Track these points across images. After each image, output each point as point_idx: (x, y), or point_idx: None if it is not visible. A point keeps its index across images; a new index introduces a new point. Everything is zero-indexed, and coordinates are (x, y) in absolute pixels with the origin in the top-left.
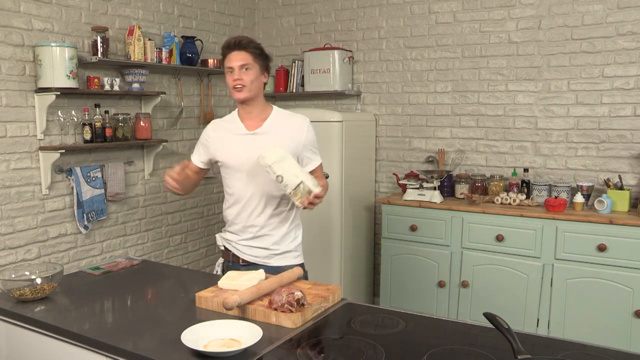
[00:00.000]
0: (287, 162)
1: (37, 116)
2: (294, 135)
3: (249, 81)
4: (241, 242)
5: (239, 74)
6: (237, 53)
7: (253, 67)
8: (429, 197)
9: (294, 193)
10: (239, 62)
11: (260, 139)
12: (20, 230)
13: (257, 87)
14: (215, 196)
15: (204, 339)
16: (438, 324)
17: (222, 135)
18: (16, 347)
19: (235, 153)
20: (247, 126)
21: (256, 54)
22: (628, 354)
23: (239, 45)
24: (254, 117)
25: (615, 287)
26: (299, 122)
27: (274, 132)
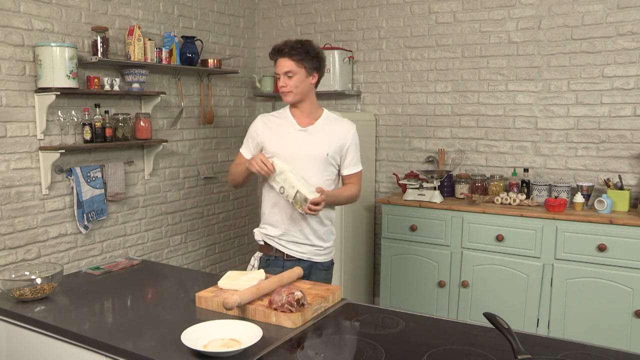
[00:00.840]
0: (286, 174)
1: (37, 116)
2: (340, 137)
3: (294, 86)
4: (284, 238)
5: (284, 80)
6: (281, 60)
7: (297, 72)
8: (429, 197)
9: (294, 202)
10: (282, 69)
11: (311, 136)
12: (20, 230)
13: (304, 90)
14: (215, 196)
15: (204, 339)
16: (438, 324)
17: (274, 127)
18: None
19: (287, 146)
20: (299, 123)
21: (299, 59)
22: (628, 354)
23: (280, 52)
24: (306, 115)
25: (615, 287)
26: (347, 126)
27: (325, 132)
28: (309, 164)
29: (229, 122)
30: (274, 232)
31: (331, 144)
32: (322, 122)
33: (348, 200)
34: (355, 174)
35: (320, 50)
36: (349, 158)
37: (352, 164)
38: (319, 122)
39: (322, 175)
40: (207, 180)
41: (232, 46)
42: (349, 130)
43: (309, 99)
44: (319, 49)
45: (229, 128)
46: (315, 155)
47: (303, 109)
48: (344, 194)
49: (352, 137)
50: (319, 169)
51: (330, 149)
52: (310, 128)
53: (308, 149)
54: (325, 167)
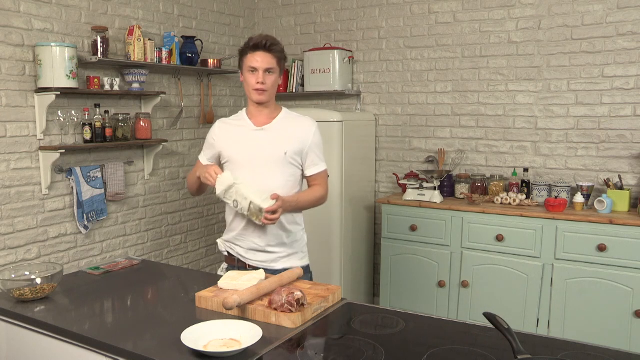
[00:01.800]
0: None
1: (37, 116)
2: (300, 135)
3: (271, 85)
4: (244, 246)
5: (263, 77)
6: (264, 55)
7: (276, 70)
8: (429, 197)
9: (250, 214)
10: (264, 65)
11: (267, 135)
12: (20, 230)
13: (275, 90)
14: (215, 196)
15: (204, 339)
16: (438, 324)
17: (229, 132)
18: (16, 347)
19: (242, 148)
20: (255, 123)
21: (281, 57)
22: (628, 354)
23: (266, 47)
24: (265, 115)
25: (615, 287)
26: (307, 124)
27: (281, 130)
28: (268, 165)
29: None
30: (234, 241)
31: (290, 143)
32: (280, 121)
33: (313, 203)
34: (318, 174)
35: None
36: (310, 158)
37: (314, 163)
38: (276, 120)
39: (283, 176)
40: None
41: (232, 46)
42: (309, 128)
43: (273, 100)
44: None
45: None
46: (273, 155)
47: (263, 110)
48: (307, 198)
49: (313, 136)
50: (279, 169)
51: (288, 148)
52: (266, 127)
53: (265, 149)
54: (285, 167)
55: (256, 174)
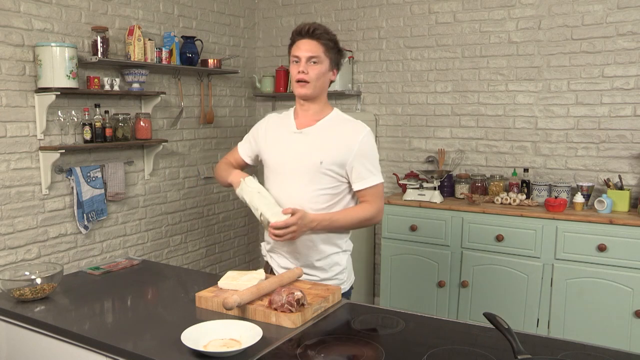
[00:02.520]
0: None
1: (37, 116)
2: (342, 143)
3: (315, 77)
4: (276, 259)
5: (305, 67)
6: (308, 42)
7: (323, 61)
8: (429, 197)
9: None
10: (307, 53)
11: (305, 139)
12: (20, 230)
13: (322, 85)
14: (215, 196)
15: (204, 339)
16: (438, 324)
17: (272, 131)
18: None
19: (278, 151)
20: (298, 124)
21: (329, 46)
22: (628, 354)
23: (311, 34)
24: (310, 115)
25: (615, 287)
26: (354, 130)
27: (322, 135)
28: (300, 174)
29: (229, 122)
30: (267, 247)
31: (328, 150)
32: (324, 123)
33: (357, 224)
34: (367, 189)
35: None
36: (357, 170)
37: (361, 176)
38: (320, 123)
39: (315, 189)
40: (207, 180)
41: (232, 46)
42: (355, 135)
43: (320, 98)
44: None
45: (229, 128)
46: (307, 164)
47: (309, 109)
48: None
49: (360, 145)
50: (312, 181)
51: (325, 157)
52: (306, 130)
53: (299, 154)
54: (320, 178)
55: (285, 182)
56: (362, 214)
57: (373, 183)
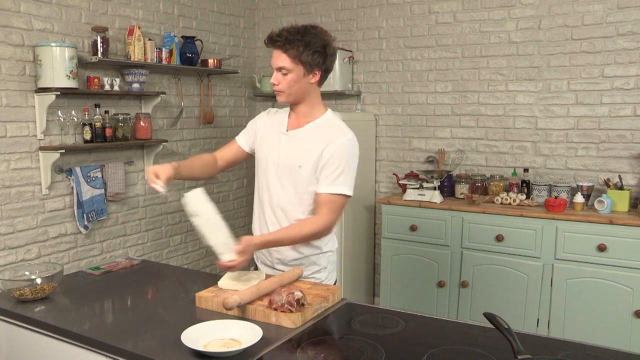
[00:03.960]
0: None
1: (37, 116)
2: (320, 147)
3: (286, 86)
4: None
5: (276, 77)
6: (275, 52)
7: (293, 69)
8: (429, 197)
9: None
10: (275, 64)
11: (290, 141)
12: (20, 230)
13: (299, 91)
14: (215, 196)
15: (204, 339)
16: (438, 324)
17: (268, 126)
18: (16, 347)
19: (266, 150)
20: (289, 124)
21: (298, 52)
22: (628, 354)
23: (275, 44)
24: (299, 117)
25: (615, 287)
26: (336, 135)
27: (305, 139)
28: (283, 177)
29: (229, 122)
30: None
31: (307, 154)
32: (311, 127)
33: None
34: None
35: (328, 41)
36: (325, 172)
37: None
38: (308, 125)
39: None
40: (207, 180)
41: (232, 46)
42: (335, 139)
43: (306, 101)
44: (325, 39)
45: (229, 128)
46: (288, 167)
47: (297, 110)
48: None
49: (337, 148)
50: (294, 183)
51: (304, 161)
52: (292, 132)
53: (282, 157)
54: (301, 182)
55: (269, 182)
56: (306, 230)
57: (334, 191)
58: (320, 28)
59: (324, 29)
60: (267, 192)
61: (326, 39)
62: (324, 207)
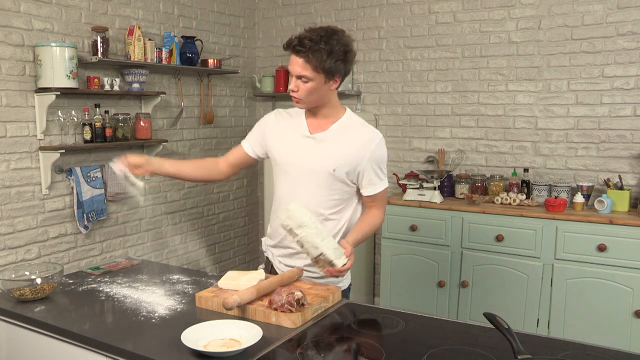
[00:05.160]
0: (306, 229)
1: (37, 116)
2: (355, 151)
3: (305, 94)
4: (278, 257)
5: (295, 84)
6: (295, 59)
7: (314, 78)
8: (429, 197)
9: (315, 261)
10: (294, 71)
11: (318, 145)
12: (20, 230)
13: (319, 97)
14: (215, 196)
15: (204, 339)
16: (438, 324)
17: (283, 128)
18: (16, 347)
19: (289, 153)
20: (310, 127)
21: (321, 59)
22: (628, 354)
23: (295, 50)
24: (319, 120)
25: (615, 287)
26: (368, 136)
27: (334, 142)
28: (313, 180)
29: (229, 122)
30: (270, 242)
31: (341, 157)
32: (336, 129)
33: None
34: (378, 193)
35: (350, 46)
36: (367, 177)
37: (372, 182)
38: (332, 127)
39: (328, 194)
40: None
41: (232, 46)
42: (368, 142)
43: (326, 106)
44: (347, 44)
45: (229, 128)
46: (320, 171)
47: (317, 113)
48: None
49: (372, 152)
50: (324, 186)
51: (338, 164)
52: (318, 135)
53: (312, 161)
54: (333, 184)
55: (297, 186)
56: (377, 221)
57: (382, 188)
58: (342, 32)
59: (344, 32)
60: (294, 193)
61: (348, 44)
62: (379, 202)
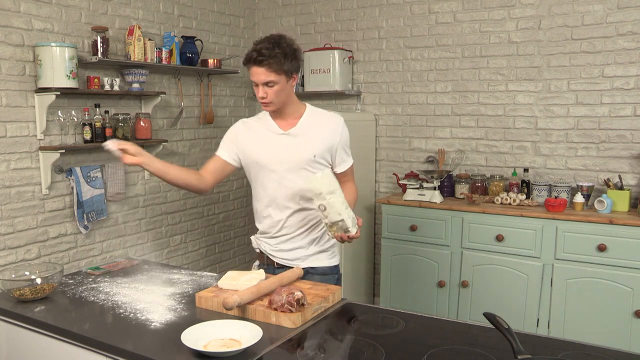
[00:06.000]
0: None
1: (37, 116)
2: (329, 136)
3: (275, 96)
4: (274, 245)
5: (263, 91)
6: (257, 69)
7: (279, 80)
8: (429, 197)
9: (330, 226)
10: (260, 79)
11: (294, 139)
12: (20, 230)
13: (286, 96)
14: (215, 196)
15: (204, 339)
16: (438, 324)
17: (254, 134)
18: (16, 347)
19: (270, 152)
20: (280, 125)
21: (279, 62)
22: (628, 354)
23: (256, 62)
24: (287, 118)
25: (615, 287)
26: (334, 122)
27: (309, 133)
28: (297, 168)
29: (229, 122)
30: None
31: (318, 144)
32: (305, 121)
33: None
34: (348, 170)
35: (296, 45)
36: (340, 155)
37: (343, 159)
38: (301, 121)
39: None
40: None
41: (232, 46)
42: (336, 126)
43: (290, 103)
44: (294, 45)
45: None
46: (302, 159)
47: (283, 113)
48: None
49: (341, 133)
50: (308, 171)
51: (317, 150)
52: (292, 130)
53: (293, 153)
54: (314, 168)
55: (283, 179)
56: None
57: (351, 163)
58: (284, 35)
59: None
60: (283, 186)
61: (294, 44)
62: (351, 176)
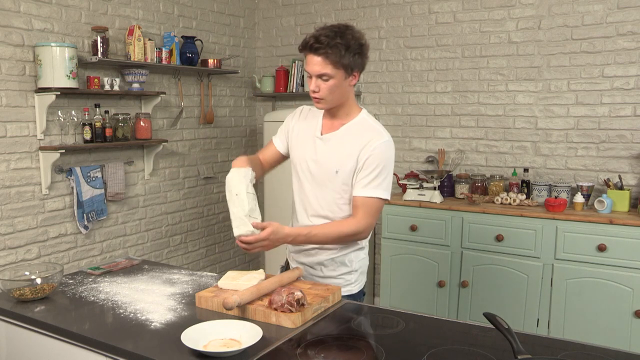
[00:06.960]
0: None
1: (37, 116)
2: (358, 149)
3: (327, 92)
4: (292, 253)
5: (316, 84)
6: (313, 58)
7: (334, 74)
8: (429, 197)
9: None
10: (314, 71)
11: (325, 146)
12: (20, 230)
13: (340, 95)
14: (215, 196)
15: (204, 339)
16: (438, 324)
17: (302, 126)
18: (16, 347)
19: (301, 154)
20: (324, 127)
21: (339, 55)
22: (628, 354)
23: (313, 49)
24: (336, 119)
25: (615, 287)
26: (372, 137)
27: (340, 143)
28: (319, 182)
29: (229, 122)
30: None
31: (344, 158)
32: (346, 129)
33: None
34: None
35: (363, 39)
36: (361, 175)
37: (362, 183)
38: (343, 128)
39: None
40: (207, 180)
41: (232, 46)
42: (371, 142)
43: (344, 105)
44: (361, 38)
45: (229, 128)
46: (325, 172)
47: (334, 113)
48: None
49: (372, 151)
50: (329, 188)
51: (341, 165)
52: (327, 136)
53: (319, 163)
54: (337, 186)
55: (304, 187)
56: (343, 229)
57: (370, 195)
58: (353, 27)
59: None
60: (304, 195)
61: (362, 38)
62: (360, 209)
